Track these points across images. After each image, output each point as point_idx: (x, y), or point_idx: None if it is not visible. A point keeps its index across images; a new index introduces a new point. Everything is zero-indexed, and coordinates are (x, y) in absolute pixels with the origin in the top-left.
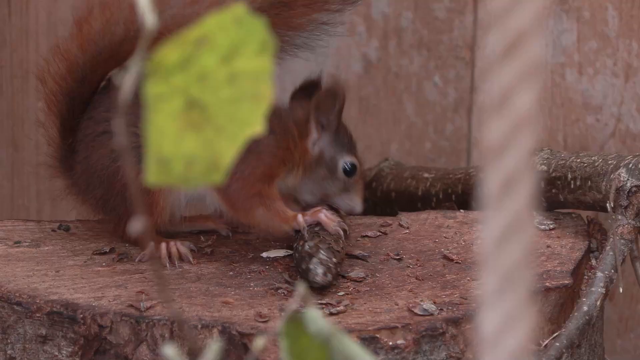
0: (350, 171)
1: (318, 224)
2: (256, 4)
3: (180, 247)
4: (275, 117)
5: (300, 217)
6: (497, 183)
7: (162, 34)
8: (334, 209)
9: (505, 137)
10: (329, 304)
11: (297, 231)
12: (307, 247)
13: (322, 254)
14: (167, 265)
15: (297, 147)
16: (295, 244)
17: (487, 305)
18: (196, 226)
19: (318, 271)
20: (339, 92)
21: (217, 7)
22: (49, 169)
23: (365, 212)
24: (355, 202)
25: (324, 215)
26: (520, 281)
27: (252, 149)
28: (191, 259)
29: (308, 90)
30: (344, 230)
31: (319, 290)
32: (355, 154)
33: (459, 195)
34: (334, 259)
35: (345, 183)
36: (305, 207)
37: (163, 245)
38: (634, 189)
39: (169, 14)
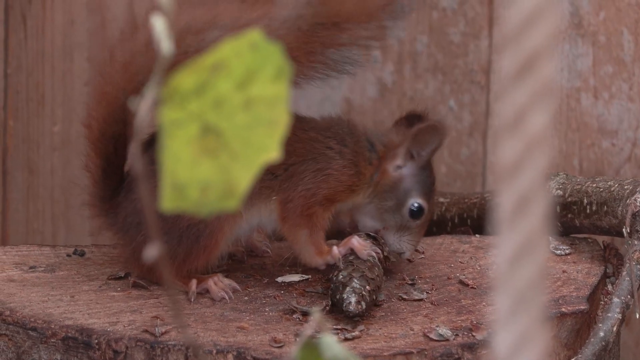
0: (415, 213)
1: (353, 252)
2: (306, 25)
3: (224, 281)
4: (351, 140)
5: (335, 249)
6: (511, 203)
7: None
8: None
9: (519, 157)
10: (344, 329)
11: (330, 265)
12: (340, 276)
13: (356, 283)
14: (217, 298)
15: (372, 170)
16: (331, 275)
17: (500, 326)
18: None
19: (351, 300)
20: (441, 131)
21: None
22: (91, 209)
23: None
24: (406, 246)
25: (356, 242)
26: (533, 302)
27: (323, 168)
28: (231, 295)
29: (410, 120)
30: (379, 255)
31: (354, 318)
32: (429, 200)
33: (475, 219)
34: (368, 287)
35: (405, 221)
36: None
37: (210, 281)
38: None
39: (212, 37)
